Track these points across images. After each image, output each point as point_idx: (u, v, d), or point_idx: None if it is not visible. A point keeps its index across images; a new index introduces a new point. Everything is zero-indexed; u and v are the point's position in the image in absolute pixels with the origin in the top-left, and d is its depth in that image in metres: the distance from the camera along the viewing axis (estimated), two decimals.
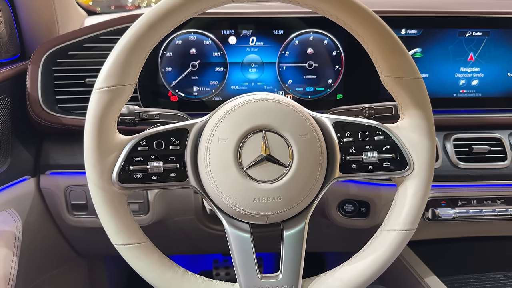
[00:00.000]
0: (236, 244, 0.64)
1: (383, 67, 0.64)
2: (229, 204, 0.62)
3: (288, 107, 0.63)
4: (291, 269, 0.64)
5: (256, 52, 1.02)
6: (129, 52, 0.59)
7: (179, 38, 1.00)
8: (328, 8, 0.61)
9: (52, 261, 1.24)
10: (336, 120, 0.66)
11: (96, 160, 0.60)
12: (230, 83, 1.04)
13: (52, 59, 0.99)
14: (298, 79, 1.04)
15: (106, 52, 0.98)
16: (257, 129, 0.62)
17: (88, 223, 1.07)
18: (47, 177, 1.03)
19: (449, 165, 1.05)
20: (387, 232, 0.66)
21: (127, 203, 0.64)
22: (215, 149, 0.61)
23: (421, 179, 0.65)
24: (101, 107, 0.59)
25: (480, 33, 1.05)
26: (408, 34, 1.04)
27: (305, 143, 0.62)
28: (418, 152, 0.65)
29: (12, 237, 0.89)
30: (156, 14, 0.59)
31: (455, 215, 1.03)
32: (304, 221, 0.65)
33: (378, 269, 0.65)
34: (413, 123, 0.65)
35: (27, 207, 1.01)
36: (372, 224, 1.09)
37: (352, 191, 1.06)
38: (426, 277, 1.04)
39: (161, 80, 1.02)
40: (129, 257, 0.63)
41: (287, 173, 0.62)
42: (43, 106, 0.97)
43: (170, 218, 1.11)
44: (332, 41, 1.02)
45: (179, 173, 0.63)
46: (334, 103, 1.06)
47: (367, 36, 0.62)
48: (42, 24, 1.08)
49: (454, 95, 1.09)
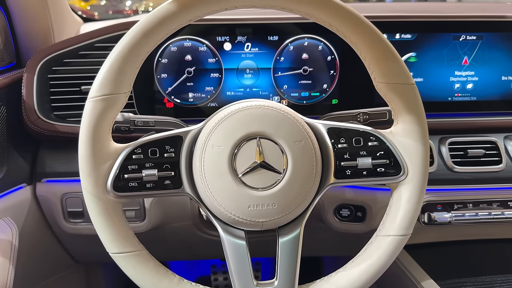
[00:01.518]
0: (231, 251, 0.65)
1: (376, 73, 0.64)
2: (224, 211, 0.62)
3: (282, 114, 0.63)
4: (286, 275, 0.64)
5: (251, 58, 1.02)
6: (123, 60, 0.59)
7: (174, 45, 1.00)
8: (320, 15, 0.61)
9: (49, 269, 1.23)
10: (330, 126, 0.67)
11: (90, 169, 0.60)
12: (225, 89, 1.04)
13: (48, 67, 0.99)
14: (293, 85, 1.04)
15: (101, 59, 0.97)
16: (251, 136, 0.62)
17: (84, 230, 1.06)
18: (43, 184, 1.03)
19: (445, 169, 1.05)
20: (382, 237, 0.66)
21: (122, 212, 0.64)
22: (210, 156, 0.61)
23: (415, 184, 0.66)
24: (95, 116, 0.59)
25: (474, 37, 1.05)
26: (402, 38, 1.04)
27: (299, 149, 0.63)
28: (412, 157, 0.66)
29: (8, 246, 0.89)
30: (150, 22, 0.59)
31: (451, 218, 1.03)
32: (299, 227, 0.66)
33: (374, 274, 0.65)
34: (407, 128, 0.66)
35: (23, 215, 1.01)
36: (368, 229, 1.09)
37: (348, 195, 1.06)
38: (423, 280, 1.04)
39: (156, 86, 1.02)
40: (125, 266, 0.63)
41: (281, 179, 0.62)
42: (38, 114, 0.97)
43: (167, 224, 1.11)
44: (326, 46, 1.03)
45: (174, 180, 0.63)
46: (329, 108, 1.06)
47: (359, 43, 0.63)
48: (38, 32, 1.08)
49: (449, 99, 1.09)
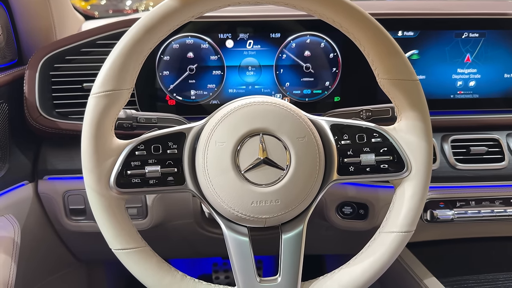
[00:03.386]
0: (234, 247, 0.64)
1: (379, 69, 0.64)
2: (227, 208, 0.62)
3: (286, 110, 0.63)
4: (289, 272, 0.64)
5: (253, 55, 1.02)
6: (126, 56, 0.59)
7: (176, 42, 1.00)
8: (324, 11, 0.61)
9: (51, 267, 1.23)
10: (334, 123, 0.67)
11: (93, 165, 0.60)
12: (227, 87, 1.04)
13: (50, 64, 0.99)
14: (296, 82, 1.04)
15: (103, 56, 0.97)
16: (254, 133, 0.62)
17: (86, 227, 1.06)
18: (45, 182, 1.03)
19: (447, 166, 1.05)
20: (386, 234, 0.66)
21: (125, 208, 0.64)
22: (213, 152, 0.61)
23: (419, 181, 0.65)
24: (98, 112, 0.59)
25: (477, 34, 1.05)
26: (405, 36, 1.04)
27: (302, 146, 0.62)
28: (415, 154, 0.65)
29: (11, 243, 0.89)
30: (152, 18, 0.59)
31: (454, 216, 1.02)
32: (302, 224, 0.65)
33: (377, 271, 0.65)
34: (410, 125, 0.65)
35: (25, 213, 1.01)
36: (371, 226, 1.09)
37: (351, 193, 1.06)
38: (425, 278, 1.03)
39: (158, 84, 1.02)
40: (127, 262, 0.63)
41: (285, 176, 0.62)
42: (40, 111, 0.97)
43: (169, 222, 1.11)
44: (329, 43, 1.02)
45: (177, 177, 0.63)
46: (331, 106, 1.06)
47: (363, 39, 0.62)
48: (39, 29, 1.08)
49: (452, 97, 1.09)
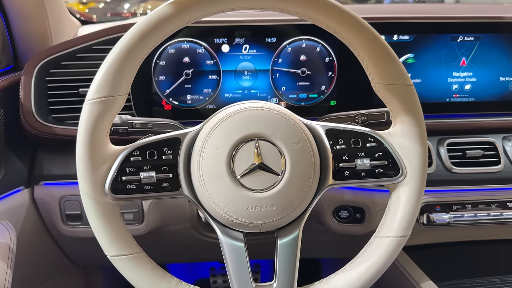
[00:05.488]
0: (230, 253, 0.64)
1: (374, 74, 0.64)
2: (222, 213, 0.61)
3: (280, 115, 0.63)
4: (285, 277, 0.64)
5: (249, 59, 1.02)
6: (121, 62, 0.59)
7: (172, 47, 1.00)
8: (318, 17, 0.61)
9: (47, 272, 1.23)
10: (329, 128, 0.67)
11: (88, 172, 0.60)
12: (223, 91, 1.04)
13: (45, 70, 0.99)
14: (292, 86, 1.04)
15: (99, 61, 0.97)
16: (249, 138, 0.62)
17: (83, 233, 1.06)
18: (41, 187, 1.03)
19: (443, 170, 1.05)
20: (381, 239, 0.66)
21: (120, 214, 0.64)
22: (208, 158, 0.61)
23: (414, 185, 0.65)
24: (93, 118, 0.59)
25: (472, 38, 1.06)
26: (400, 40, 1.04)
27: (297, 151, 0.62)
28: (410, 158, 0.65)
29: (6, 249, 0.89)
30: (147, 24, 0.59)
31: (450, 219, 1.03)
32: (298, 229, 0.65)
33: (372, 276, 0.65)
34: (405, 129, 0.65)
35: (21, 218, 1.01)
36: (367, 230, 1.09)
37: (347, 197, 1.06)
38: (422, 282, 1.03)
39: (154, 89, 1.02)
40: (123, 268, 0.63)
41: (280, 181, 0.62)
42: (36, 116, 0.97)
43: (165, 226, 1.10)
44: (324, 47, 1.03)
45: (172, 182, 0.63)
46: (327, 110, 1.06)
47: (357, 44, 0.63)
48: (35, 34, 1.08)
49: (447, 100, 1.09)
